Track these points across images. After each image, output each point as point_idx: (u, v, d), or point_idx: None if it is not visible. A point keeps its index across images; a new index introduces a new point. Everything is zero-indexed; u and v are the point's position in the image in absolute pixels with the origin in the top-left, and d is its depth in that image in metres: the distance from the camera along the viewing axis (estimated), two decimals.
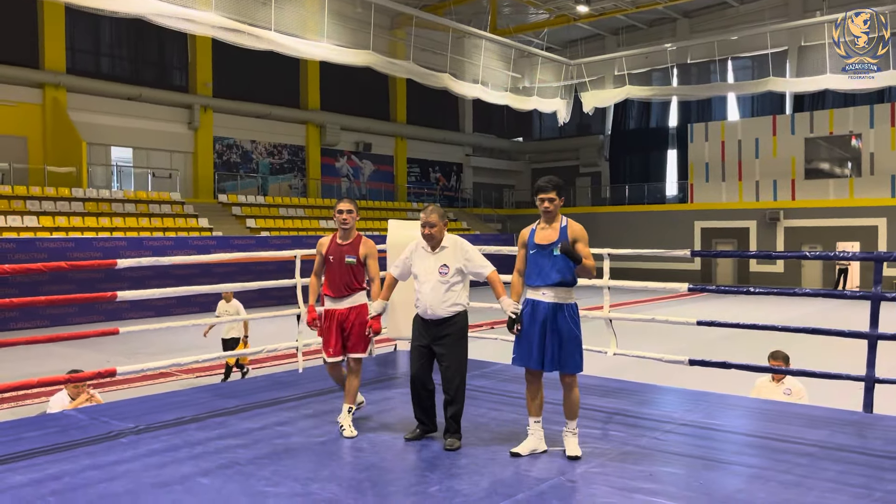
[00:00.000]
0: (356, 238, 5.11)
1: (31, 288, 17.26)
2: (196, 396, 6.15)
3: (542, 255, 4.39)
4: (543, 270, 4.38)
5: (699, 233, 32.70)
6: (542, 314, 4.36)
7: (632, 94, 29.69)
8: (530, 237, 4.49)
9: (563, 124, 32.12)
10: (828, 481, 3.98)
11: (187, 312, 19.87)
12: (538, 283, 4.40)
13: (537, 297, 4.41)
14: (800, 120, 30.91)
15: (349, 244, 5.08)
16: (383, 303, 4.95)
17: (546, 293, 4.38)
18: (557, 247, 4.34)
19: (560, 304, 4.37)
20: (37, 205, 20.49)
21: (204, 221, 23.56)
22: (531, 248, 4.45)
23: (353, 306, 5.05)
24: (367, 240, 5.14)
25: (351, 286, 5.04)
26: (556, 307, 4.36)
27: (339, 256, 5.05)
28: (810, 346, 8.42)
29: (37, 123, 22.94)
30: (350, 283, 5.04)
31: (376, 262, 5.11)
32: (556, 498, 3.77)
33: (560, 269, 4.35)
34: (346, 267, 5.03)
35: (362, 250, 5.06)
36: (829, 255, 5.55)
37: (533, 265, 4.43)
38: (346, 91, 31.49)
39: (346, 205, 5.09)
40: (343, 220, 5.06)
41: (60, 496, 3.77)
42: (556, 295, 4.37)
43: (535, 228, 4.52)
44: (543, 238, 4.42)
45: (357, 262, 5.04)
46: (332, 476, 4.08)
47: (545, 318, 4.35)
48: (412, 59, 23.67)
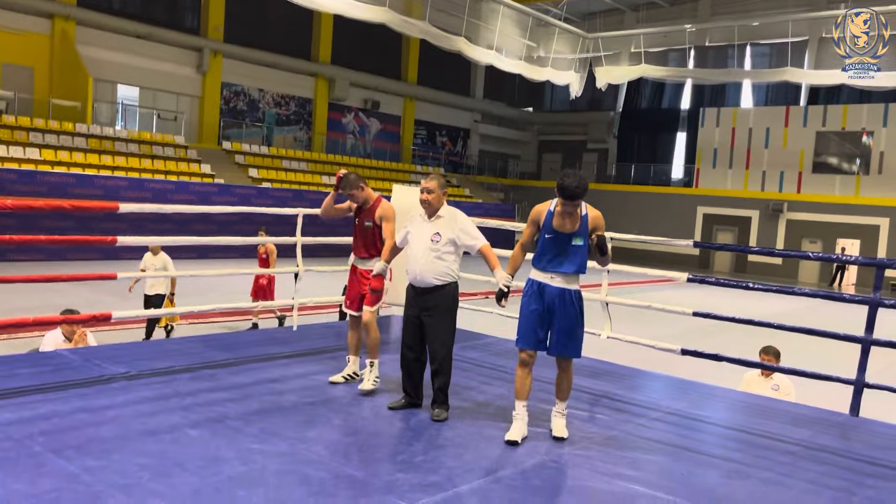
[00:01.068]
0: (375, 201, 5.27)
1: (30, 220, 17.25)
2: (189, 346, 6.18)
3: (560, 242, 4.26)
4: (559, 257, 4.27)
5: (701, 218, 32.67)
6: (550, 298, 4.30)
7: (647, 72, 29.41)
8: (547, 219, 4.32)
9: (575, 98, 31.86)
10: (808, 482, 4.02)
11: (184, 258, 19.87)
12: (550, 269, 4.30)
13: (545, 280, 4.32)
14: (813, 113, 30.68)
15: (369, 209, 5.26)
16: (383, 264, 5.01)
17: (555, 278, 4.30)
18: (579, 236, 4.24)
19: (569, 289, 4.33)
20: (39, 137, 20.37)
21: (206, 167, 23.47)
22: (547, 231, 4.30)
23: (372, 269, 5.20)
24: (385, 202, 5.29)
25: (370, 250, 5.22)
26: (564, 292, 4.31)
27: (361, 220, 5.28)
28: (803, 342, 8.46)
29: (44, 55, 22.69)
30: (369, 247, 5.23)
31: (390, 223, 5.18)
32: (539, 478, 3.81)
33: (576, 259, 4.28)
34: (366, 230, 5.22)
35: (378, 212, 5.19)
36: (831, 258, 5.54)
37: (548, 251, 4.30)
38: (358, 46, 31.13)
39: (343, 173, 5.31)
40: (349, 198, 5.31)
41: (49, 437, 3.80)
42: (565, 281, 4.31)
43: (552, 210, 4.33)
44: (562, 225, 4.27)
45: (374, 225, 5.19)
46: (319, 438, 4.12)
47: (552, 302, 4.30)
48: (428, 20, 23.38)
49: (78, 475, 3.35)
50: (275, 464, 3.68)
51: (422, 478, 3.64)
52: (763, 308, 17.88)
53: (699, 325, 13.15)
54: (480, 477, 3.72)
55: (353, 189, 5.22)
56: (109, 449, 3.69)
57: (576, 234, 4.26)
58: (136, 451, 3.70)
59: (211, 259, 20.62)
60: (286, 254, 9.34)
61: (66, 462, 3.49)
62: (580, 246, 4.27)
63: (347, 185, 5.21)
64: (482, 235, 4.81)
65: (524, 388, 4.39)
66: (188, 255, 19.91)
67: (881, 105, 28.92)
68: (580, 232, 4.26)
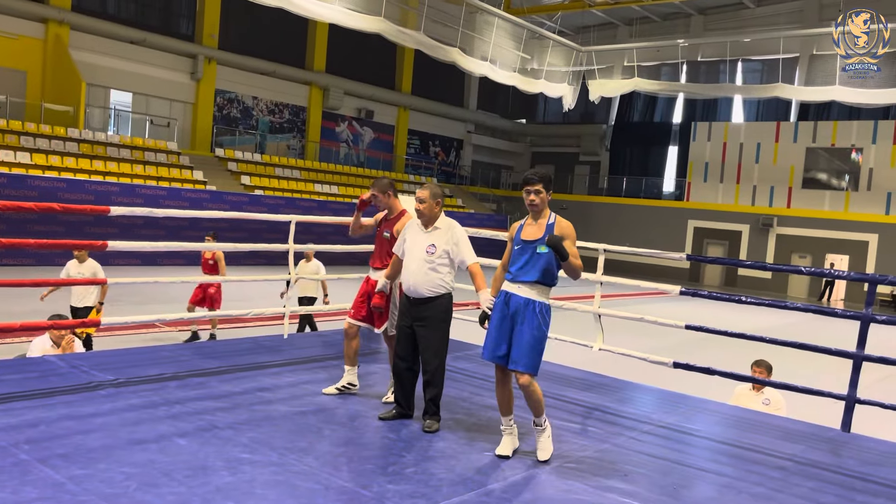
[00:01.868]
0: (399, 213, 5.26)
1: (20, 225, 17.13)
2: (178, 353, 6.13)
3: (525, 251, 4.23)
4: (524, 266, 4.22)
5: (692, 232, 32.79)
6: (515, 307, 4.21)
7: (639, 86, 29.58)
8: (518, 232, 4.34)
9: (568, 110, 31.97)
10: (799, 497, 4.01)
11: (174, 263, 19.81)
12: (516, 278, 4.24)
13: (512, 289, 4.25)
14: (803, 129, 30.90)
15: (392, 220, 5.25)
16: (385, 280, 4.97)
17: (521, 288, 4.21)
18: (541, 244, 4.17)
19: (533, 300, 4.19)
20: (31, 141, 20.26)
21: (199, 174, 23.39)
22: (516, 242, 4.30)
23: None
24: (407, 218, 5.21)
25: (384, 260, 5.20)
26: (528, 302, 4.18)
27: (381, 230, 5.30)
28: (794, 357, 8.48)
29: (37, 59, 22.60)
30: (383, 257, 5.22)
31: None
32: (530, 490, 3.79)
33: (541, 267, 4.18)
34: (382, 240, 5.23)
35: (397, 226, 5.17)
36: (823, 273, 5.56)
37: (516, 259, 4.28)
38: (352, 56, 31.17)
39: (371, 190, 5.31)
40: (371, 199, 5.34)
41: (35, 444, 3.75)
42: (531, 291, 4.20)
43: (523, 224, 4.36)
44: (529, 234, 4.26)
45: (391, 236, 5.17)
46: (310, 448, 4.08)
47: (516, 312, 4.19)
48: (423, 31, 23.44)
49: (63, 484, 3.30)
50: (264, 474, 3.64)
51: (412, 489, 3.61)
52: (754, 322, 17.94)
53: (690, 339, 13.16)
54: (472, 489, 3.69)
55: (382, 191, 5.21)
56: (96, 457, 3.65)
57: (539, 241, 4.20)
58: (122, 459, 3.65)
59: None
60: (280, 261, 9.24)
61: (51, 470, 3.44)
62: (544, 254, 4.17)
63: (378, 184, 5.24)
64: (474, 253, 4.78)
65: (504, 404, 4.32)
66: (178, 260, 19.85)
67: (870, 122, 29.16)
68: (543, 239, 4.19)
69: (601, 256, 6.75)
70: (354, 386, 5.27)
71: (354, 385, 5.28)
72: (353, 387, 5.27)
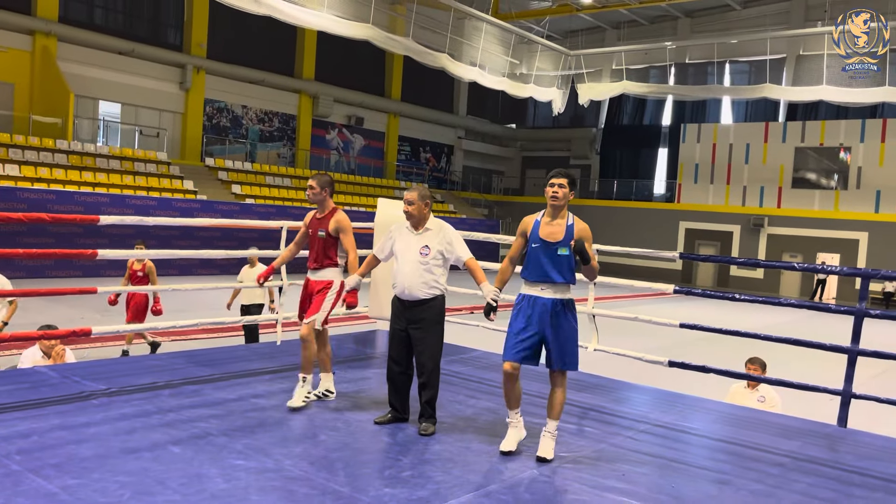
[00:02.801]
0: (330, 211, 5.13)
1: (8, 238, 17.01)
2: (171, 362, 6.08)
3: (547, 253, 4.23)
4: (546, 268, 4.23)
5: (683, 233, 32.90)
6: (541, 308, 4.23)
7: (628, 89, 29.70)
8: (534, 229, 4.31)
9: (558, 114, 32.08)
10: (798, 493, 4.00)
11: (166, 274, 19.69)
12: (536, 279, 4.26)
13: (535, 292, 4.26)
14: (792, 129, 31.08)
15: (323, 217, 5.12)
16: (357, 278, 4.90)
17: (546, 290, 4.24)
18: (564, 246, 4.21)
19: (561, 300, 4.25)
20: (19, 154, 20.16)
21: (189, 184, 23.31)
22: (534, 241, 4.28)
23: (320, 280, 5.09)
24: (340, 213, 5.12)
25: (321, 260, 5.09)
26: (557, 303, 4.23)
27: (315, 230, 5.14)
28: (788, 354, 8.49)
29: (25, 71, 22.50)
30: (320, 257, 5.10)
31: (349, 235, 5.08)
32: (529, 492, 3.76)
33: (564, 269, 4.23)
34: (319, 240, 5.09)
35: (332, 224, 5.06)
36: (816, 269, 5.56)
37: (534, 261, 4.27)
38: (341, 63, 31.18)
39: (311, 181, 5.14)
40: (307, 196, 5.16)
41: (27, 455, 3.70)
42: (556, 292, 4.25)
43: (539, 220, 4.33)
44: (549, 234, 4.26)
45: (327, 235, 5.05)
46: (305, 454, 4.04)
47: (544, 315, 4.22)
48: (411, 37, 23.48)
49: (56, 494, 3.26)
50: (259, 481, 3.60)
51: (409, 493, 3.58)
52: (748, 322, 17.96)
53: (685, 339, 13.19)
54: (469, 491, 3.66)
55: (322, 186, 5.07)
56: (89, 467, 3.60)
57: (561, 243, 4.23)
58: (116, 469, 3.61)
59: (194, 276, 20.46)
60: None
61: (44, 481, 3.39)
62: (566, 255, 4.22)
63: (320, 179, 5.10)
64: (468, 249, 4.79)
65: (513, 399, 4.33)
66: (171, 271, 19.75)
67: (858, 121, 29.36)
68: (565, 241, 4.23)
69: (593, 253, 6.74)
70: (332, 393, 5.20)
71: (332, 392, 5.20)
72: (331, 394, 5.19)
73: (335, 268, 5.11)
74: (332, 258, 5.09)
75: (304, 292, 5.17)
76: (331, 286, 5.05)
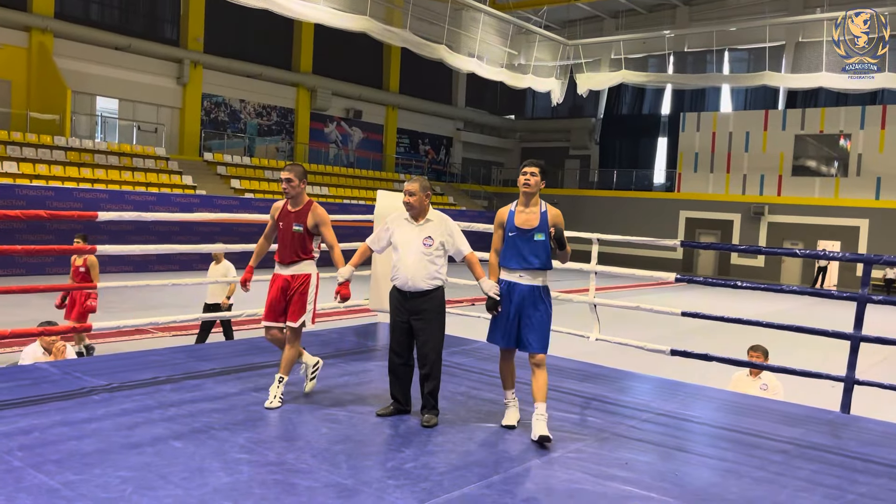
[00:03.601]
0: (306, 205, 4.93)
1: (7, 235, 17.01)
2: (172, 356, 6.06)
3: (523, 239, 4.47)
4: (522, 254, 4.47)
5: (683, 222, 32.85)
6: (519, 296, 4.48)
7: (627, 78, 29.60)
8: (509, 218, 4.54)
9: (556, 105, 31.98)
10: (801, 480, 3.99)
11: (167, 269, 19.70)
12: (515, 266, 4.49)
13: (514, 279, 4.51)
14: (791, 116, 30.99)
15: (297, 211, 4.93)
16: (351, 269, 4.82)
17: (523, 276, 4.49)
18: (540, 231, 4.44)
19: (537, 286, 4.49)
20: (17, 151, 20.11)
21: (188, 179, 23.27)
22: (510, 230, 4.52)
23: (297, 274, 4.93)
24: (318, 207, 4.94)
25: (297, 254, 4.92)
26: (532, 289, 4.48)
27: (288, 223, 4.92)
28: (790, 342, 8.49)
29: (21, 68, 22.43)
30: (296, 251, 4.91)
31: (329, 229, 4.94)
32: (531, 481, 3.75)
33: (539, 253, 4.47)
34: (294, 234, 4.90)
35: (310, 219, 4.88)
36: (818, 255, 5.55)
37: (511, 248, 4.50)
38: (339, 56, 31.08)
39: (286, 173, 4.88)
40: (284, 189, 4.92)
41: (29, 451, 3.69)
42: (533, 278, 4.49)
43: (513, 210, 4.57)
44: (524, 222, 4.49)
45: (304, 230, 4.88)
46: (307, 446, 4.04)
47: (521, 300, 4.47)
48: (409, 28, 23.38)
49: (58, 490, 3.25)
50: (262, 474, 3.60)
51: (412, 484, 3.57)
52: (749, 310, 17.95)
53: (686, 328, 13.19)
54: (472, 482, 3.66)
55: (299, 178, 4.85)
56: (91, 462, 3.60)
57: (536, 229, 4.46)
58: (118, 464, 3.60)
59: (194, 270, 20.44)
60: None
61: (46, 477, 3.38)
62: (541, 241, 4.46)
63: (295, 169, 4.88)
64: (468, 243, 4.76)
65: (507, 378, 4.64)
66: (171, 265, 19.75)
67: (858, 108, 29.27)
68: (540, 227, 4.46)
69: (595, 246, 6.73)
70: (317, 367, 5.17)
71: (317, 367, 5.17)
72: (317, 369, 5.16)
73: (310, 260, 4.96)
74: (309, 252, 4.93)
75: (275, 290, 4.94)
76: (308, 281, 4.91)
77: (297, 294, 4.90)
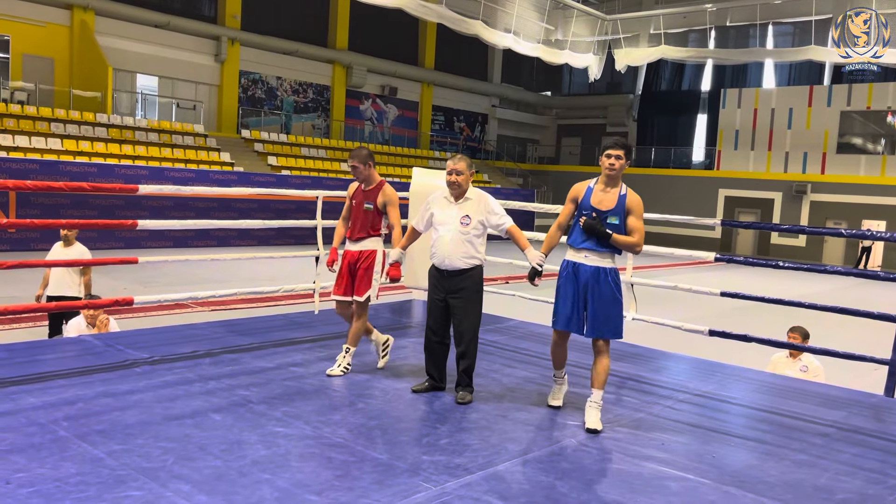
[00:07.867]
0: (377, 185, 5.14)
1: (52, 211, 17.42)
2: (211, 331, 6.17)
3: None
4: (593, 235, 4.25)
5: (723, 201, 32.27)
6: (584, 278, 4.26)
7: (666, 54, 28.98)
8: (586, 196, 4.33)
9: (594, 81, 31.48)
10: (842, 464, 3.92)
11: (205, 245, 20.00)
12: (584, 246, 4.27)
13: (579, 259, 4.29)
14: (837, 92, 30.11)
15: (370, 190, 5.12)
16: (399, 251, 4.93)
17: (589, 256, 4.25)
18: (615, 215, 4.22)
19: (604, 268, 4.25)
20: (61, 128, 20.49)
21: (226, 156, 23.51)
22: (585, 208, 4.30)
23: (364, 250, 5.11)
24: (388, 187, 5.13)
25: (367, 231, 5.11)
26: (598, 271, 4.24)
27: (360, 202, 5.14)
28: (831, 323, 8.32)
29: (64, 45, 22.79)
30: (366, 228, 5.10)
31: (396, 209, 5.12)
32: (567, 460, 3.74)
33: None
34: (365, 212, 5.10)
35: (380, 198, 5.08)
36: (864, 234, 5.39)
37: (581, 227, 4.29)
38: (374, 32, 30.97)
39: (353, 161, 5.08)
40: (354, 175, 5.12)
41: (73, 421, 3.79)
42: (600, 259, 4.25)
43: (591, 187, 4.35)
44: (600, 202, 4.26)
45: (374, 208, 5.07)
46: (343, 421, 4.08)
47: (587, 282, 4.25)
48: (445, 4, 23.18)
49: (102, 459, 3.34)
50: (298, 447, 3.65)
51: (447, 460, 3.59)
52: (790, 290, 17.60)
53: (723, 309, 12.99)
54: (507, 459, 3.66)
55: (362, 162, 5.03)
56: (133, 433, 3.68)
57: (612, 212, 4.24)
58: (159, 435, 3.68)
59: (231, 247, 20.73)
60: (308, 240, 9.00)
61: (90, 446, 3.47)
62: (615, 224, 4.22)
63: (358, 154, 5.06)
64: (509, 217, 4.73)
65: (559, 360, 4.51)
66: (209, 241, 20.06)
67: None
68: (616, 210, 4.24)
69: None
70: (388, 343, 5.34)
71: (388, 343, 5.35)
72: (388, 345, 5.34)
73: (378, 237, 5.16)
74: (377, 229, 5.13)
75: (344, 265, 5.16)
76: (374, 257, 5.08)
77: (363, 269, 5.06)
